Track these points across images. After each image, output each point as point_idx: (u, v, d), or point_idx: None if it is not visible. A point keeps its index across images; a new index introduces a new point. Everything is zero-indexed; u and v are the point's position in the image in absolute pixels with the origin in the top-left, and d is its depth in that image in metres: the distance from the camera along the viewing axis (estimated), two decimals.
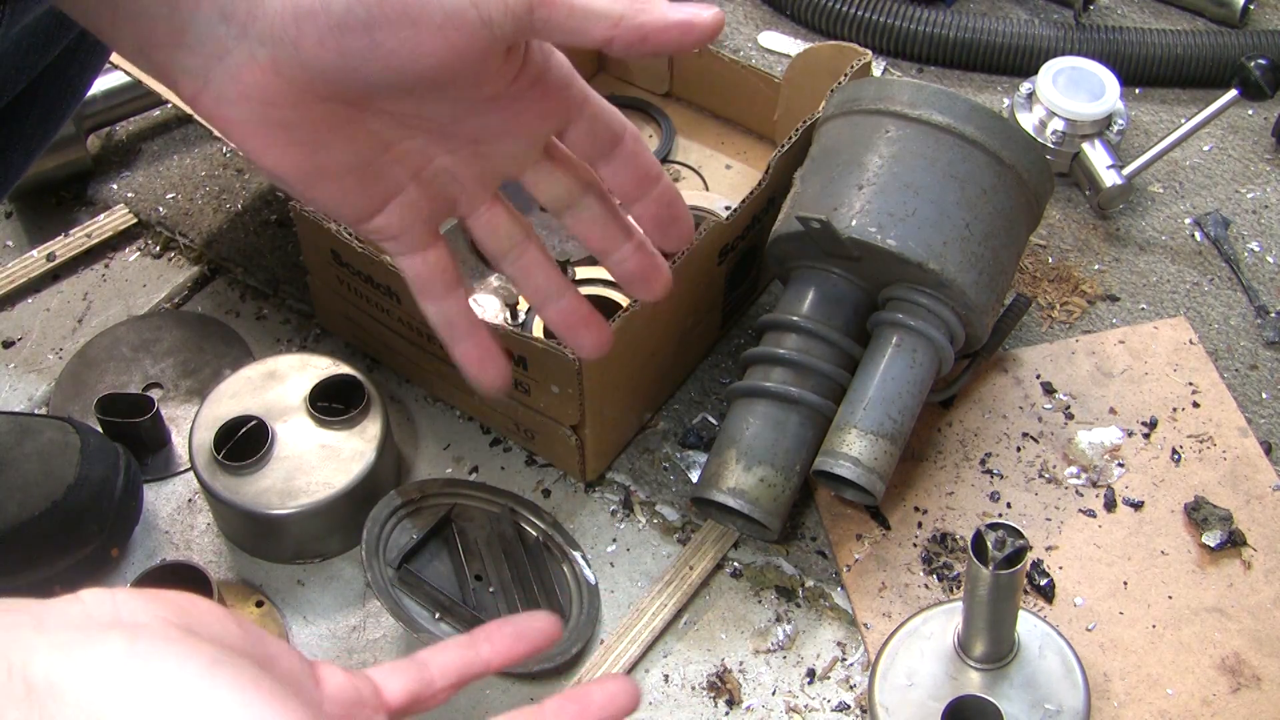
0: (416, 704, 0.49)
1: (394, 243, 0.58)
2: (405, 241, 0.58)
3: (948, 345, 0.88)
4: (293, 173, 0.54)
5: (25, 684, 0.38)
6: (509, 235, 0.60)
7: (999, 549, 0.74)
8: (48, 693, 0.38)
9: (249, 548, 0.92)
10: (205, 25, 0.49)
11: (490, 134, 0.56)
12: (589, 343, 0.63)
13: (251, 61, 0.49)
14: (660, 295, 0.62)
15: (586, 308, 0.62)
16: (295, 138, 0.52)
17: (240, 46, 0.49)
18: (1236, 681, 0.85)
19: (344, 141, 0.54)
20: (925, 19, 1.22)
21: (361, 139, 0.54)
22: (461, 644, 0.50)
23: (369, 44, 0.48)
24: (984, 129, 0.89)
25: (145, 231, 1.11)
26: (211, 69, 0.50)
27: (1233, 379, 1.00)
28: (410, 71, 0.49)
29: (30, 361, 1.03)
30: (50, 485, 0.85)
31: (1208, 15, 1.27)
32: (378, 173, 0.55)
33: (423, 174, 0.57)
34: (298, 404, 0.91)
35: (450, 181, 0.57)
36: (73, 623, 0.41)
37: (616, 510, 0.94)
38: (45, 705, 0.38)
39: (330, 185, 0.55)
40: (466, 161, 0.57)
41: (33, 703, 0.38)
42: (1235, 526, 0.91)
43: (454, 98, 0.53)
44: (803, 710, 0.85)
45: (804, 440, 0.88)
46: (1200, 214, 1.11)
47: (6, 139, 0.82)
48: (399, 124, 0.54)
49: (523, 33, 0.49)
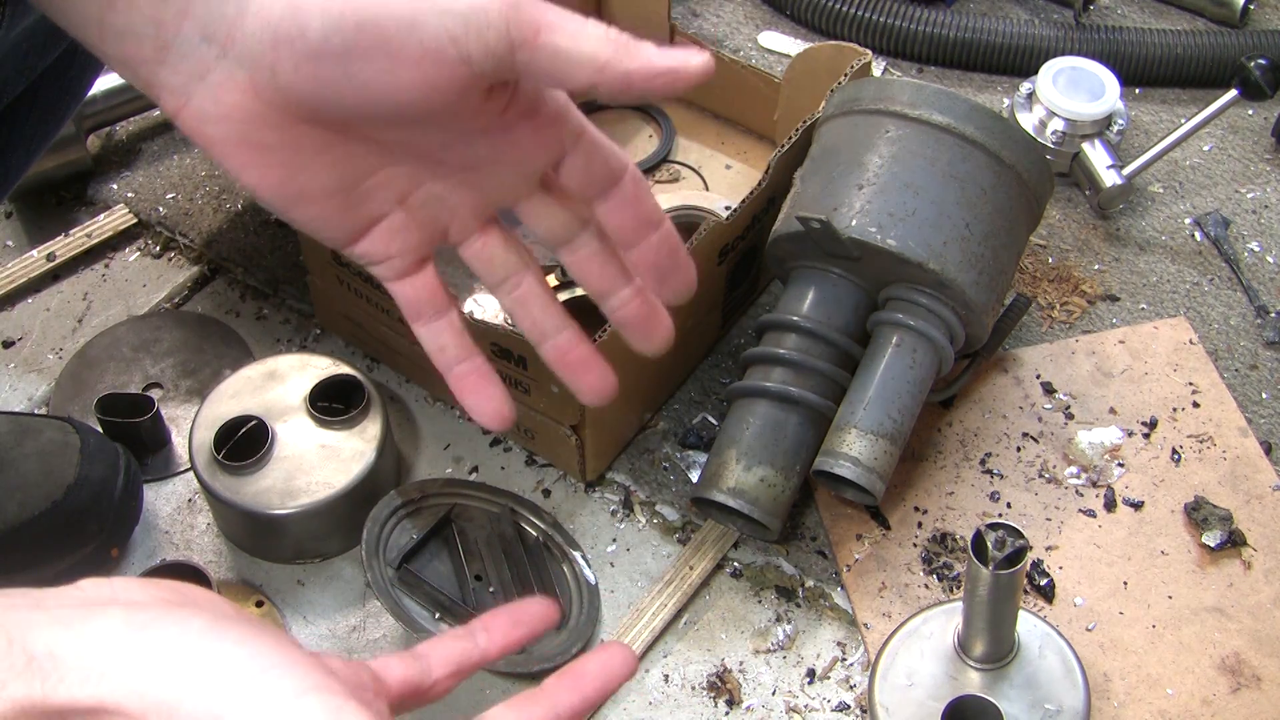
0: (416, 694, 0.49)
1: (381, 267, 0.57)
2: (392, 266, 0.57)
3: (948, 345, 0.88)
4: (272, 193, 0.53)
5: (26, 654, 0.39)
6: (504, 265, 0.58)
7: (999, 549, 0.74)
8: (48, 661, 0.39)
9: (249, 548, 0.92)
10: (187, 44, 0.49)
11: (480, 163, 0.55)
12: (588, 386, 0.60)
13: (231, 82, 0.49)
14: (659, 348, 0.60)
15: (587, 348, 0.60)
16: (275, 159, 0.52)
17: (220, 66, 0.49)
18: (1236, 681, 0.85)
19: (325, 165, 0.53)
20: (925, 19, 1.22)
21: (344, 163, 0.53)
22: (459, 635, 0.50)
23: (345, 74, 0.48)
24: (984, 129, 0.89)
25: (145, 231, 1.11)
26: (193, 87, 0.50)
27: (1233, 379, 1.00)
28: (388, 103, 0.49)
29: (30, 361, 1.03)
30: (50, 485, 0.85)
31: (1208, 15, 1.27)
32: (361, 197, 0.54)
33: (410, 200, 0.55)
34: (298, 404, 0.91)
35: (440, 208, 0.56)
36: (71, 602, 0.41)
37: (616, 510, 0.94)
38: (47, 673, 0.39)
39: (311, 207, 0.54)
40: (456, 189, 0.56)
41: (34, 671, 0.39)
42: (1235, 526, 0.91)
43: (440, 127, 0.52)
44: (803, 710, 0.85)
45: (804, 440, 0.88)
46: (1200, 214, 1.11)
47: (7, 140, 0.82)
48: (383, 150, 0.53)
49: (504, 73, 0.48)
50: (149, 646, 0.39)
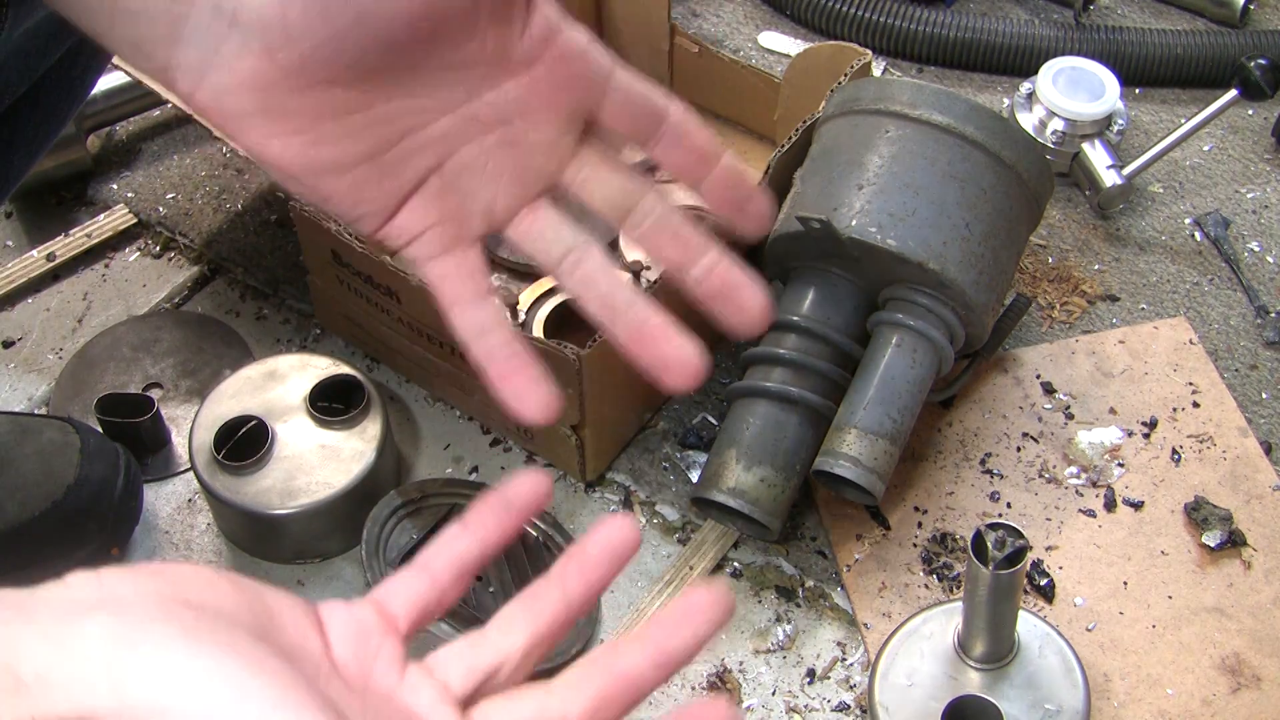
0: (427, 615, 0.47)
1: (419, 243, 0.54)
2: (431, 241, 0.53)
3: (948, 345, 0.88)
4: (298, 165, 0.51)
5: (15, 678, 0.39)
6: (558, 240, 0.54)
7: (999, 549, 0.74)
8: (37, 686, 0.39)
9: (249, 548, 0.92)
10: (201, 17, 0.49)
11: (511, 115, 0.52)
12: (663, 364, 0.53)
13: (245, 50, 0.49)
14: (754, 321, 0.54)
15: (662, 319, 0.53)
16: (296, 126, 0.50)
17: (233, 36, 0.49)
18: (1236, 681, 0.85)
19: (350, 131, 0.51)
20: (925, 19, 1.22)
21: (369, 128, 0.51)
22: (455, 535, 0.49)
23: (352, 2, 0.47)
24: (984, 129, 0.89)
25: (145, 231, 1.11)
26: (208, 62, 0.49)
27: (1233, 379, 1.00)
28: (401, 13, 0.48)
29: (30, 361, 1.03)
30: (50, 485, 0.85)
31: (1208, 15, 1.27)
32: (392, 165, 0.52)
33: (445, 167, 0.53)
34: (298, 404, 0.91)
35: (479, 176, 0.53)
36: (58, 609, 0.41)
37: (616, 510, 0.94)
38: (36, 701, 0.39)
39: (340, 180, 0.52)
40: (493, 154, 0.53)
41: (22, 695, 0.39)
42: (1235, 526, 0.91)
43: (461, 61, 0.50)
44: (803, 710, 0.85)
45: (804, 440, 0.88)
46: (1200, 214, 1.11)
47: (8, 141, 0.82)
48: (409, 110, 0.51)
49: None
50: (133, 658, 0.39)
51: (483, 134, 0.53)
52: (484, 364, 0.54)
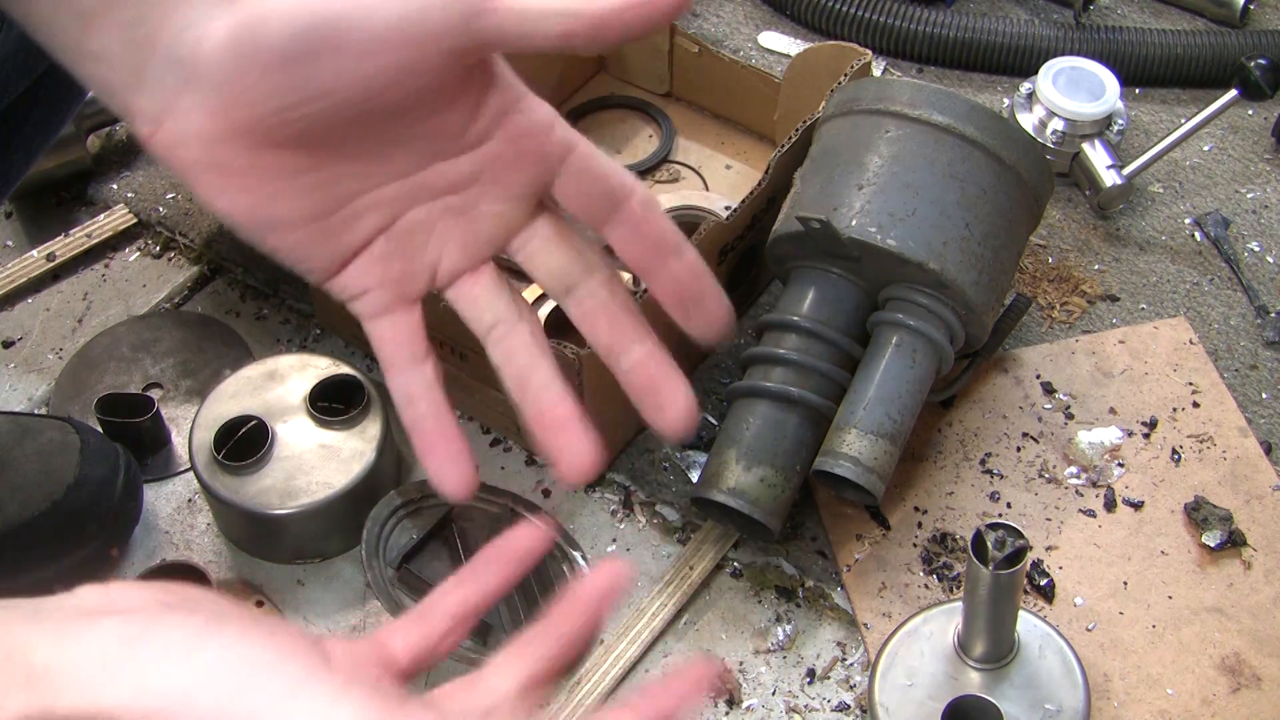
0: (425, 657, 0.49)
1: (362, 300, 0.55)
2: (373, 300, 0.54)
3: (948, 345, 0.88)
4: (245, 219, 0.51)
5: (25, 670, 0.39)
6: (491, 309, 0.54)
7: (999, 549, 0.75)
8: (46, 678, 0.39)
9: (249, 548, 0.92)
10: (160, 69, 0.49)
11: (463, 183, 0.52)
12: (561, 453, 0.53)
13: (201, 105, 0.48)
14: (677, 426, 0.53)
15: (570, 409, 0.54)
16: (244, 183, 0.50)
17: (189, 90, 0.48)
18: (1236, 681, 0.85)
19: (299, 190, 0.51)
20: (925, 19, 1.22)
21: (318, 188, 0.51)
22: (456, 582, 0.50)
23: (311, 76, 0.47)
24: (984, 129, 0.89)
25: (145, 231, 1.11)
26: (166, 111, 0.49)
27: (1233, 379, 1.00)
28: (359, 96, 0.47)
29: (30, 361, 1.03)
30: (50, 485, 0.85)
31: (1208, 15, 1.27)
32: (340, 225, 0.52)
33: (393, 229, 0.53)
34: (298, 404, 0.91)
35: (427, 239, 0.53)
36: (67, 613, 0.42)
37: (616, 510, 0.94)
38: (45, 691, 0.39)
39: (287, 235, 0.52)
40: (443, 218, 0.53)
41: (34, 685, 0.39)
42: (1235, 526, 0.91)
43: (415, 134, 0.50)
44: (803, 710, 0.85)
45: (804, 440, 0.88)
46: (1200, 214, 1.11)
47: (8, 140, 0.82)
48: (360, 173, 0.51)
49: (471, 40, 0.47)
50: (145, 654, 0.40)
51: (432, 199, 0.53)
52: (410, 433, 0.56)
